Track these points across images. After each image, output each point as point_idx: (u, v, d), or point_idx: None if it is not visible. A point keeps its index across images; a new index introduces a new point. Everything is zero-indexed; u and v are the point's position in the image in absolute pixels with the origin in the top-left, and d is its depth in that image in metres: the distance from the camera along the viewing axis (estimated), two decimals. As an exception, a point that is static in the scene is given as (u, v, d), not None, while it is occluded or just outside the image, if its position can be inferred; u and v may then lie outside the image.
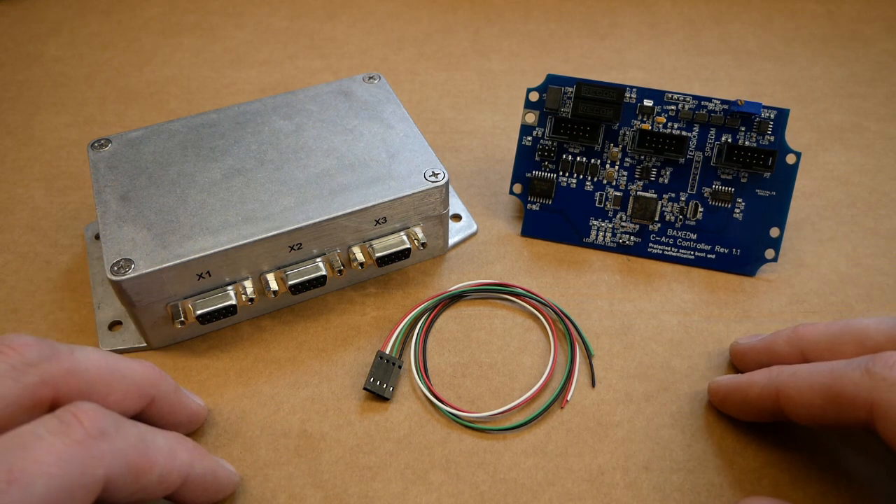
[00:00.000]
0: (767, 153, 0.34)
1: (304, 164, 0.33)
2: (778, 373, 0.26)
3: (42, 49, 0.50)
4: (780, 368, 0.26)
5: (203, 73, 0.48)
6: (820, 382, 0.24)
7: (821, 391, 0.24)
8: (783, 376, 0.25)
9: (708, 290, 0.35)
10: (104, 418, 0.21)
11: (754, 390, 0.27)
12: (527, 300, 0.34)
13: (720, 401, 0.29)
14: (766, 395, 0.26)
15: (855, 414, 0.23)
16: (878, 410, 0.22)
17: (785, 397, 0.25)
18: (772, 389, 0.26)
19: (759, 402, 0.26)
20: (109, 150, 0.33)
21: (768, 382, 0.26)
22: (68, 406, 0.21)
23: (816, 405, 0.24)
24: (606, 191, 0.36)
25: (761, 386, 0.26)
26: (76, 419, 0.20)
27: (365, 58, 0.50)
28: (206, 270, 0.30)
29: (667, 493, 0.27)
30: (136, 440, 0.22)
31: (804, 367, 0.25)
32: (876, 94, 0.46)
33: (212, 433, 0.29)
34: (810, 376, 0.24)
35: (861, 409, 0.23)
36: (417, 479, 0.28)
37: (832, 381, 0.24)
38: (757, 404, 0.27)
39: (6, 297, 0.34)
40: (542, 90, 0.36)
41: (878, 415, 0.22)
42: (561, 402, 0.30)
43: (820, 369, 0.24)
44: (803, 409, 0.25)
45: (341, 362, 0.32)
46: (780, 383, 0.25)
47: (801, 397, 0.24)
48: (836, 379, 0.23)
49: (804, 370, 0.25)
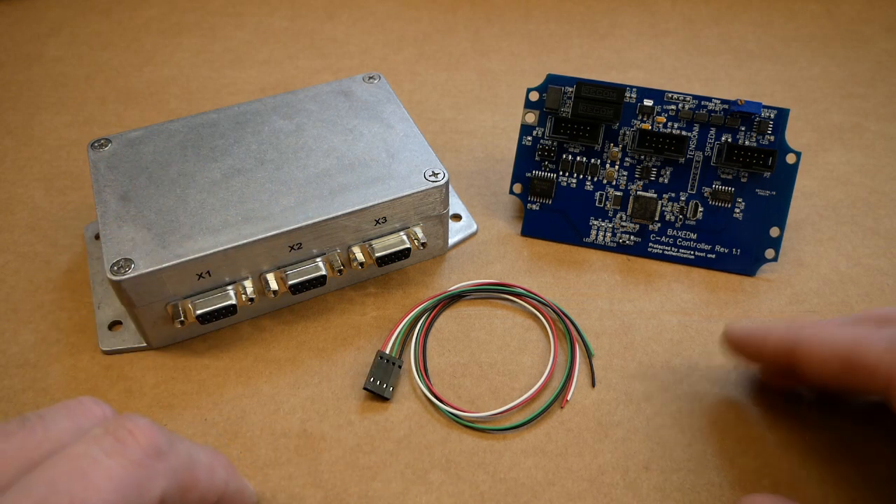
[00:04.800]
0: (767, 153, 0.34)
1: (304, 163, 0.33)
2: (800, 327, 0.25)
3: (42, 49, 0.50)
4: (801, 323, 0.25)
5: (203, 73, 0.48)
6: (842, 345, 0.23)
7: (841, 354, 0.23)
8: (805, 331, 0.25)
9: (708, 289, 0.35)
10: (159, 435, 0.20)
11: (771, 341, 0.26)
12: (527, 300, 0.34)
13: (734, 347, 0.28)
14: (783, 348, 0.25)
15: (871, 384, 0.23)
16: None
17: (802, 353, 0.24)
18: (790, 342, 0.25)
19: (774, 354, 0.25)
20: (109, 150, 0.33)
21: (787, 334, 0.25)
22: (122, 420, 0.20)
23: (833, 367, 0.23)
24: (606, 190, 0.36)
25: (778, 337, 0.25)
26: (132, 436, 0.20)
27: (365, 58, 0.50)
28: (206, 270, 0.30)
29: (667, 493, 0.27)
30: (186, 458, 0.21)
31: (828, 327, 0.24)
32: (876, 94, 0.46)
33: (212, 433, 0.29)
34: (833, 337, 0.24)
35: (879, 380, 0.22)
36: (417, 479, 0.28)
37: (854, 345, 0.23)
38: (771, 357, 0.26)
39: (6, 297, 0.34)
40: (542, 90, 0.36)
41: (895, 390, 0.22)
42: (561, 401, 0.30)
43: (844, 332, 0.24)
44: (818, 369, 0.24)
45: (341, 362, 0.32)
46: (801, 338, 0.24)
47: (820, 356, 0.24)
48: (859, 345, 0.23)
49: (828, 330, 0.24)
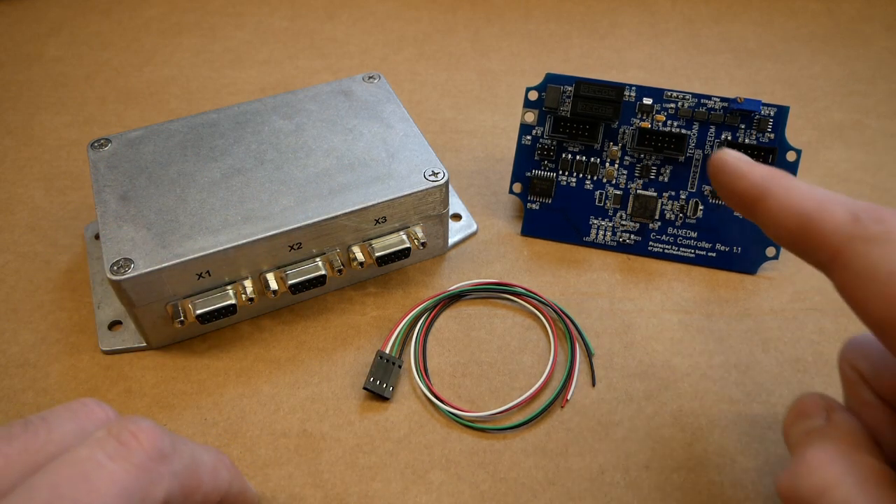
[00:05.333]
0: (767, 150, 0.34)
1: (304, 163, 0.33)
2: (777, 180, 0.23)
3: (42, 49, 0.50)
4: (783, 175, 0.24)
5: (203, 73, 0.48)
6: (804, 207, 0.22)
7: (800, 215, 0.22)
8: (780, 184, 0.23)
9: (709, 288, 0.35)
10: (162, 438, 0.20)
11: (744, 182, 0.24)
12: (527, 299, 0.34)
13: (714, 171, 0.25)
14: (752, 193, 0.24)
15: (818, 253, 0.22)
16: (841, 258, 0.21)
17: (765, 205, 0.23)
18: (760, 189, 0.24)
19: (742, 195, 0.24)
20: (109, 150, 0.33)
21: (762, 182, 0.24)
22: (125, 423, 0.20)
23: (789, 227, 0.22)
24: (606, 189, 0.36)
25: (752, 182, 0.24)
26: (135, 439, 0.20)
27: (365, 58, 0.50)
28: (206, 270, 0.30)
29: (667, 493, 0.27)
30: (190, 460, 0.21)
31: (802, 185, 0.23)
32: (876, 92, 0.46)
33: (212, 433, 0.29)
34: (800, 196, 0.22)
35: (825, 251, 0.21)
36: (417, 479, 0.28)
37: (815, 210, 0.22)
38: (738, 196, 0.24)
39: (6, 297, 0.34)
40: (542, 89, 0.36)
41: (839, 262, 0.21)
42: (561, 401, 0.30)
43: (812, 194, 0.22)
44: (773, 227, 0.23)
45: (341, 362, 0.32)
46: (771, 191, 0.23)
47: (779, 213, 0.23)
48: (820, 210, 0.22)
49: (802, 188, 0.23)
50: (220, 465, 0.23)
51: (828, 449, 0.21)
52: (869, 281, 0.20)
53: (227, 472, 0.23)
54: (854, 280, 0.21)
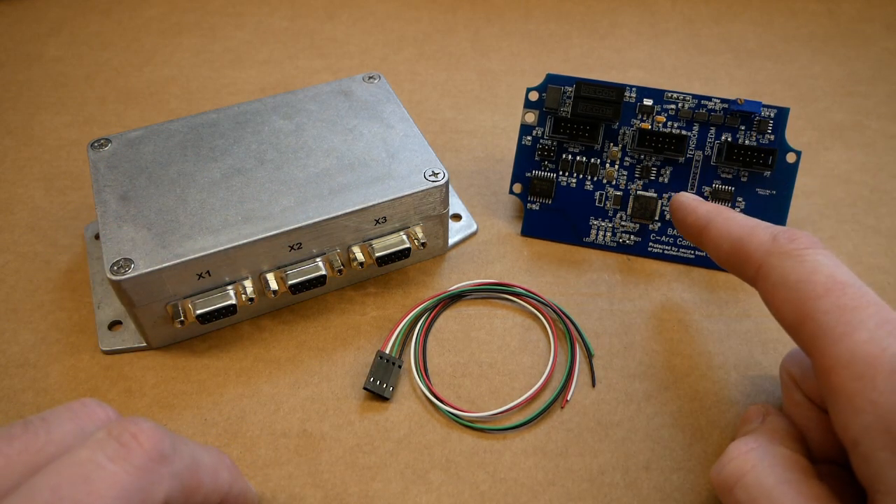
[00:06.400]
0: (767, 152, 0.34)
1: (304, 163, 0.33)
2: (720, 210, 0.29)
3: (42, 49, 0.50)
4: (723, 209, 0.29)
5: (203, 73, 0.48)
6: (737, 233, 0.27)
7: (734, 240, 0.27)
8: (721, 216, 0.28)
9: (708, 289, 0.35)
10: (162, 439, 0.20)
11: (693, 216, 0.30)
12: (527, 300, 0.34)
13: (672, 209, 0.31)
14: (699, 224, 0.29)
15: (746, 269, 0.26)
16: (762, 271, 0.25)
17: (707, 234, 0.28)
18: (703, 221, 0.29)
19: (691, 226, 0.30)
20: (109, 150, 0.33)
21: (706, 215, 0.29)
22: (125, 423, 0.20)
23: (725, 249, 0.27)
24: (606, 190, 0.36)
25: (698, 216, 0.29)
26: (136, 440, 0.20)
27: (365, 58, 0.50)
28: (206, 270, 0.30)
29: (667, 493, 0.27)
30: (190, 460, 0.21)
31: (737, 216, 0.28)
32: (877, 93, 0.46)
33: (212, 433, 0.29)
34: (735, 224, 0.27)
35: (751, 267, 0.26)
36: (417, 479, 0.28)
37: (745, 234, 0.26)
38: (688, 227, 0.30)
39: (6, 297, 0.34)
40: (542, 90, 0.36)
41: (761, 274, 0.25)
42: (561, 401, 0.30)
43: (745, 222, 0.27)
44: (714, 250, 0.28)
45: (341, 362, 0.32)
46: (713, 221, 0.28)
47: (718, 238, 0.28)
48: (749, 234, 0.26)
49: (738, 219, 0.28)
50: (220, 466, 0.23)
51: (749, 441, 0.24)
52: (781, 288, 0.24)
53: (227, 472, 0.23)
54: (771, 289, 0.25)
